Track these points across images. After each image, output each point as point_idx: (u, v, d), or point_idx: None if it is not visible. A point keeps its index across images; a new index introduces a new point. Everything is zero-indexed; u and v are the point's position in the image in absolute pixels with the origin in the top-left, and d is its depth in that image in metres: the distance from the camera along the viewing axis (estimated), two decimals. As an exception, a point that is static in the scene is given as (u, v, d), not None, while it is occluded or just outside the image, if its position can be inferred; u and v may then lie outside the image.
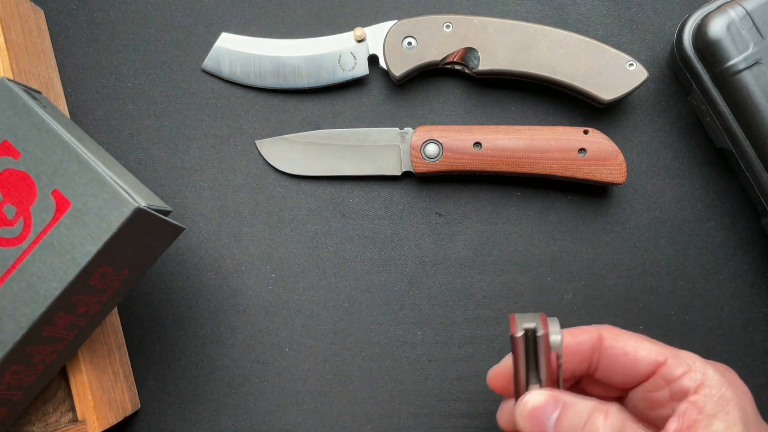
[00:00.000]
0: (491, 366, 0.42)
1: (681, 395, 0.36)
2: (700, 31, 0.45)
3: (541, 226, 0.51)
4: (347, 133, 0.51)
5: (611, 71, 0.48)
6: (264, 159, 0.51)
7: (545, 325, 0.37)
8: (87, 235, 0.38)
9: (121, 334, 0.50)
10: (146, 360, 0.51)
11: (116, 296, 0.43)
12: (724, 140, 0.47)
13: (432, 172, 0.49)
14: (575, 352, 0.39)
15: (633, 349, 0.38)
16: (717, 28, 0.44)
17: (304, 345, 0.51)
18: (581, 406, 0.36)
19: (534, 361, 0.37)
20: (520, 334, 0.36)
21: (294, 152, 0.51)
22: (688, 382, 0.36)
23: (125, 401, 0.48)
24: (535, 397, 0.36)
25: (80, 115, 0.52)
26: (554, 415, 0.36)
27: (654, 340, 0.39)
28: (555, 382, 0.37)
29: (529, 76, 0.49)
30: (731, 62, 0.44)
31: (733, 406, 0.35)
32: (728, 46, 0.44)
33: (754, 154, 0.46)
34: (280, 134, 0.51)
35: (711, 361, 0.38)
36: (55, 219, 0.39)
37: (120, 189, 0.38)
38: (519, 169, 0.49)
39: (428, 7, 0.52)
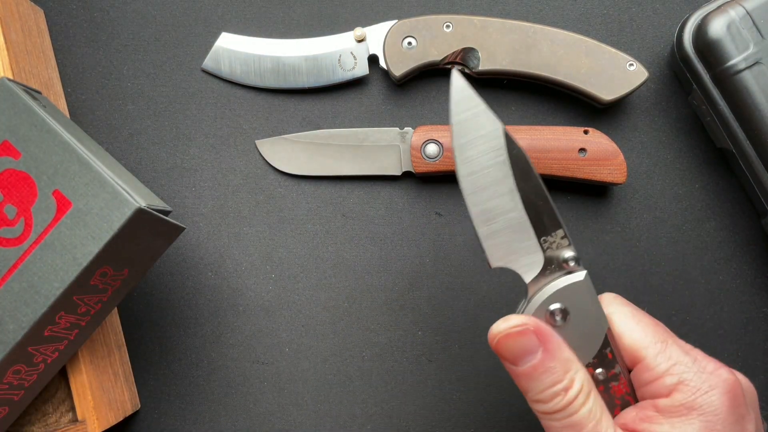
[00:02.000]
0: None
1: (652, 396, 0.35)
2: (701, 31, 0.45)
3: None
4: (347, 133, 0.51)
5: (611, 71, 0.48)
6: (264, 159, 0.51)
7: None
8: (88, 235, 0.38)
9: (121, 334, 0.50)
10: (146, 360, 0.51)
11: (117, 296, 0.43)
12: (725, 140, 0.47)
13: (432, 172, 0.49)
14: None
15: (620, 332, 0.36)
16: (717, 27, 0.44)
17: (304, 345, 0.51)
18: (560, 362, 0.34)
19: None
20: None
21: (294, 152, 0.51)
22: (662, 388, 0.34)
23: (125, 401, 0.48)
24: (517, 319, 0.34)
25: (80, 115, 0.51)
26: (536, 356, 0.34)
27: (654, 326, 0.36)
28: None
29: (529, 76, 0.49)
30: (731, 62, 0.44)
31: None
32: (728, 45, 0.44)
33: (754, 154, 0.46)
34: (280, 134, 0.51)
35: (709, 366, 0.34)
36: (56, 219, 0.39)
37: (121, 189, 0.38)
38: (519, 169, 0.49)
39: (428, 7, 0.52)
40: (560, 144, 0.48)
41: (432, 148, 0.49)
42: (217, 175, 0.51)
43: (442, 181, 0.51)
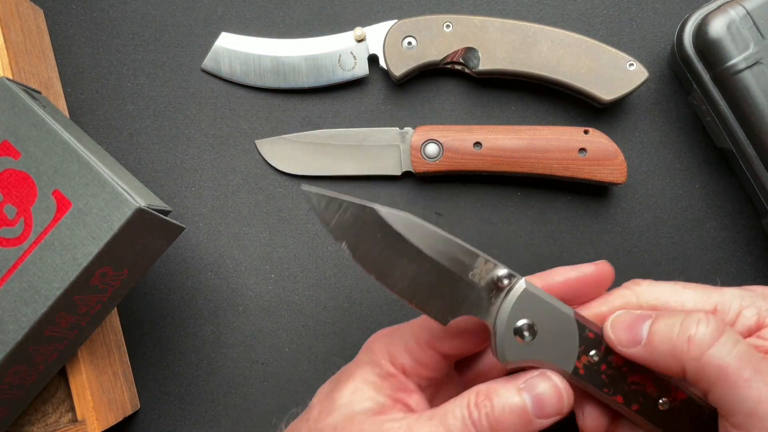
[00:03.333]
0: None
1: (747, 334, 0.34)
2: (701, 31, 0.45)
3: (541, 226, 0.51)
4: (347, 133, 0.51)
5: (611, 71, 0.48)
6: (264, 159, 0.51)
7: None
8: (88, 236, 0.38)
9: (120, 334, 0.50)
10: (146, 360, 0.51)
11: (117, 296, 0.43)
12: (725, 140, 0.47)
13: (432, 172, 0.49)
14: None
15: (674, 302, 0.36)
16: (717, 27, 0.44)
17: (304, 345, 0.51)
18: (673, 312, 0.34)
19: None
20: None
21: (294, 152, 0.51)
22: (748, 320, 0.34)
23: (125, 401, 0.48)
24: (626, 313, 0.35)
25: (80, 115, 0.51)
26: (647, 324, 0.34)
27: (690, 284, 0.36)
28: None
29: (529, 76, 0.49)
30: (732, 62, 0.44)
31: None
32: (729, 45, 0.44)
33: (754, 154, 0.46)
34: (280, 134, 0.51)
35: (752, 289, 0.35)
36: (55, 219, 0.39)
37: (121, 189, 0.38)
38: (519, 169, 0.49)
39: (428, 7, 0.52)
40: (560, 144, 0.48)
41: (432, 148, 0.49)
42: (217, 175, 0.51)
43: (442, 181, 0.51)
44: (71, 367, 0.44)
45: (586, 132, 0.48)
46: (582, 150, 0.48)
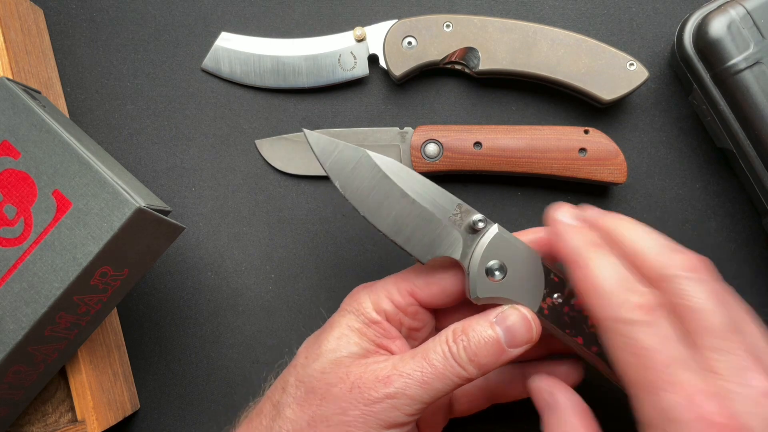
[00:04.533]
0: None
1: None
2: (701, 31, 0.45)
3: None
4: (347, 133, 0.51)
5: (612, 71, 0.48)
6: (264, 159, 0.51)
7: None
8: (88, 235, 0.38)
9: (120, 334, 0.50)
10: (146, 360, 0.51)
11: (117, 296, 0.43)
12: (725, 140, 0.47)
13: (432, 172, 0.49)
14: None
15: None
16: (718, 27, 0.44)
17: (305, 345, 0.51)
18: None
19: None
20: None
21: (294, 152, 0.51)
22: None
23: (125, 401, 0.48)
24: None
25: (80, 115, 0.51)
26: None
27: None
28: None
29: (530, 76, 0.49)
30: (732, 62, 0.44)
31: None
32: (729, 45, 0.44)
33: (754, 154, 0.46)
34: (280, 134, 0.51)
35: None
36: (56, 219, 0.39)
37: (121, 189, 0.38)
38: (519, 169, 0.49)
39: (428, 7, 0.52)
40: (560, 144, 0.48)
41: (432, 148, 0.49)
42: (217, 175, 0.51)
43: (442, 181, 0.51)
44: (71, 367, 0.44)
45: (586, 132, 0.48)
46: (582, 150, 0.48)
